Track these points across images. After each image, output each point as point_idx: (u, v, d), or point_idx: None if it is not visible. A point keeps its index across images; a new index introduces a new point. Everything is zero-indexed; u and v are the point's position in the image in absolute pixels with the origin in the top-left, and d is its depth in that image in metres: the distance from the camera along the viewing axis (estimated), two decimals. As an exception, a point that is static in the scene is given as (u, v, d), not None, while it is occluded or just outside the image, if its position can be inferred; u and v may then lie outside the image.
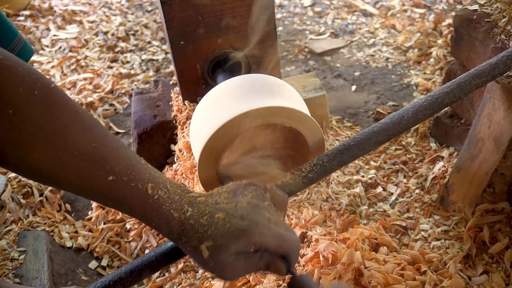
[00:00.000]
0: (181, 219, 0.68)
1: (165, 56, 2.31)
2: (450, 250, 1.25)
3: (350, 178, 1.48)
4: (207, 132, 1.00)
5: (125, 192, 0.65)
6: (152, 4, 2.76)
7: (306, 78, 1.57)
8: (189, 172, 1.35)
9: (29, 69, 0.60)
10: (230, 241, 0.66)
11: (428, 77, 1.90)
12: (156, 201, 0.66)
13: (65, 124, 0.61)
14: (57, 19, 2.61)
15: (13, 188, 1.53)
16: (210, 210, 0.68)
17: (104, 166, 0.63)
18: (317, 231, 1.22)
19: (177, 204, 0.68)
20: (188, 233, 0.67)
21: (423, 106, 0.98)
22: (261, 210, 0.70)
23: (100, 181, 0.63)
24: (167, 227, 0.68)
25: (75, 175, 0.62)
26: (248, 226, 0.66)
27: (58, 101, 0.61)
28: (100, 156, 0.63)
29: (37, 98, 0.59)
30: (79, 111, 0.64)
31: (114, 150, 0.65)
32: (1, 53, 0.57)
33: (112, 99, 2.03)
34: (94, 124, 0.65)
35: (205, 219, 0.67)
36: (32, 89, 0.59)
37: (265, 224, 0.68)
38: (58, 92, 0.62)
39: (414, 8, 2.40)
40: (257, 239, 0.66)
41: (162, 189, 0.68)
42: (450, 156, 1.48)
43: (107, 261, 1.42)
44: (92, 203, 1.56)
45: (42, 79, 0.61)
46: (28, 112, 0.58)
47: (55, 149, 0.60)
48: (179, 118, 1.44)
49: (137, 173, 0.66)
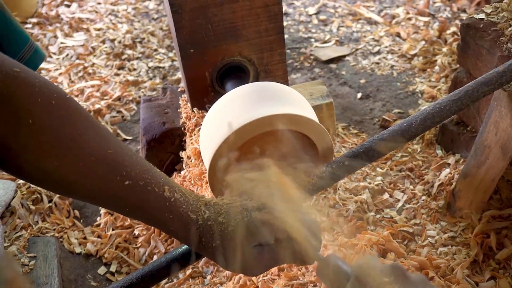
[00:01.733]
0: (198, 221, 0.69)
1: (172, 63, 2.32)
2: (457, 256, 1.26)
3: (357, 185, 1.49)
4: (217, 139, 1.01)
5: (141, 196, 0.66)
6: (158, 12, 2.78)
7: (313, 85, 1.59)
8: (198, 178, 1.36)
9: (45, 81, 0.62)
10: (253, 233, 0.67)
11: (433, 85, 1.92)
12: (173, 204, 0.68)
13: (81, 131, 0.63)
14: (64, 27, 2.64)
15: (23, 194, 1.54)
16: (226, 209, 0.70)
17: (121, 171, 0.65)
18: (325, 237, 1.23)
19: (193, 206, 0.69)
20: (208, 234, 0.68)
21: (431, 114, 1.00)
22: (275, 199, 0.71)
23: (117, 186, 0.65)
24: (185, 230, 0.69)
25: (92, 181, 0.64)
26: (267, 215, 0.67)
27: (73, 110, 0.64)
28: (116, 161, 0.65)
29: (54, 107, 0.61)
30: (93, 119, 0.66)
31: (129, 156, 0.67)
32: (18, 67, 0.60)
33: (120, 106, 2.05)
34: (108, 132, 0.67)
35: (222, 217, 0.69)
36: (49, 99, 0.61)
37: (284, 211, 0.69)
38: (72, 102, 0.64)
39: (419, 16, 2.42)
40: (278, 226, 0.67)
41: (177, 192, 0.69)
42: (457, 163, 1.49)
43: (116, 267, 1.43)
44: (101, 209, 1.57)
45: (58, 90, 0.63)
46: (46, 121, 0.60)
47: (72, 156, 0.62)
48: (187, 125, 1.45)
49: (152, 177, 0.67)
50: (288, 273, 1.17)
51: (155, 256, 1.43)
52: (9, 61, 0.59)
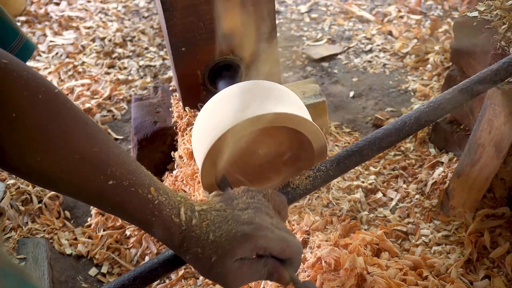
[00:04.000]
0: (181, 225, 0.67)
1: (163, 62, 2.31)
2: (451, 255, 1.25)
3: (350, 184, 1.48)
4: (210, 138, 1.00)
5: (124, 197, 0.65)
6: (148, 10, 2.76)
7: (306, 84, 1.58)
8: (190, 178, 1.35)
9: (34, 74, 0.61)
10: (234, 246, 0.65)
11: (426, 83, 1.91)
12: (156, 206, 0.66)
13: (67, 128, 0.62)
14: (53, 25, 2.61)
15: (12, 195, 1.52)
16: (211, 217, 0.68)
17: (105, 170, 0.63)
18: (319, 236, 1.22)
19: (177, 210, 0.68)
20: (190, 240, 0.67)
21: (425, 112, 0.99)
22: (263, 214, 0.70)
23: (100, 185, 0.63)
24: (167, 233, 0.67)
25: (76, 179, 0.63)
26: (252, 230, 0.66)
27: (61, 106, 0.62)
28: (101, 160, 0.63)
29: (41, 102, 0.60)
30: (82, 116, 0.65)
31: (116, 155, 0.65)
32: (6, 58, 0.58)
33: (110, 105, 2.03)
34: (97, 129, 0.66)
35: (206, 224, 0.67)
36: (36, 93, 0.59)
37: (269, 227, 0.67)
38: (61, 97, 0.63)
39: (410, 14, 2.42)
40: (262, 242, 0.66)
41: (162, 194, 0.67)
42: (450, 161, 1.49)
43: (107, 268, 1.41)
44: (91, 210, 1.56)
45: (46, 84, 0.61)
46: (32, 115, 0.59)
47: (57, 152, 0.61)
48: (179, 124, 1.44)
49: (137, 178, 0.66)
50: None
51: (147, 257, 1.41)
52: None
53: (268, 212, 0.71)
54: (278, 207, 0.76)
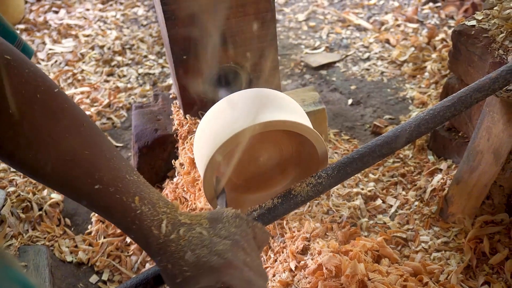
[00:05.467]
0: (159, 238, 0.68)
1: (162, 70, 2.32)
2: (451, 261, 1.26)
3: (350, 191, 1.49)
4: (212, 145, 1.01)
5: (109, 202, 0.66)
6: (147, 18, 2.77)
7: (305, 92, 1.59)
8: (191, 185, 1.35)
9: (36, 72, 0.62)
10: (200, 274, 0.66)
11: (424, 91, 1.93)
12: (138, 216, 0.67)
13: (61, 129, 0.63)
14: (52, 33, 2.62)
15: (13, 202, 1.52)
16: (190, 236, 0.69)
17: (93, 174, 0.65)
18: (319, 243, 1.23)
19: (159, 222, 0.69)
20: (165, 253, 0.68)
21: (425, 120, 1.00)
22: (239, 250, 0.69)
23: (87, 188, 0.65)
24: (144, 242, 0.69)
25: (64, 179, 0.64)
26: (222, 265, 0.66)
27: (58, 106, 0.63)
28: (90, 164, 0.64)
29: (37, 101, 0.61)
30: (78, 117, 0.65)
31: (107, 159, 0.66)
32: (10, 54, 0.59)
33: (110, 112, 2.04)
34: (93, 132, 0.66)
35: (183, 242, 0.68)
36: (35, 92, 0.60)
37: (238, 267, 0.67)
38: (60, 98, 0.64)
39: (407, 23, 2.44)
40: (227, 279, 0.66)
41: (146, 205, 0.68)
42: (449, 168, 1.50)
43: (108, 275, 1.41)
44: (92, 217, 1.56)
45: (47, 84, 0.62)
46: (28, 114, 0.60)
47: (47, 152, 0.62)
48: (180, 132, 1.45)
49: (124, 186, 0.67)
50: (283, 280, 1.17)
51: (148, 264, 1.41)
52: (3, 46, 0.59)
53: (245, 248, 0.71)
54: (259, 242, 0.77)
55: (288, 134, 1.01)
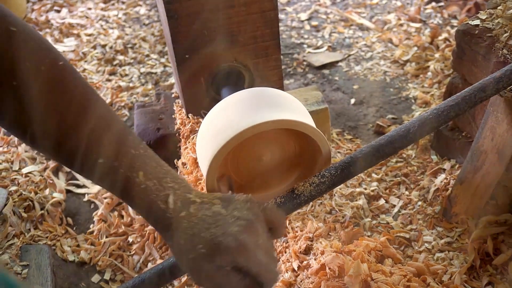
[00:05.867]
0: (167, 212, 0.67)
1: (164, 69, 2.31)
2: (454, 261, 1.26)
3: (353, 191, 1.49)
4: (215, 145, 1.00)
5: (113, 176, 0.65)
6: (149, 17, 2.77)
7: (308, 91, 1.59)
8: (193, 185, 1.35)
9: (40, 44, 0.61)
10: (215, 254, 0.65)
11: (427, 91, 1.92)
12: (143, 190, 0.66)
13: (65, 102, 0.62)
14: (54, 32, 2.62)
15: (14, 201, 1.52)
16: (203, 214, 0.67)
17: (96, 148, 0.64)
18: (322, 243, 1.22)
19: (165, 196, 0.67)
20: (177, 229, 0.66)
21: (429, 119, 0.99)
22: (253, 232, 0.68)
23: (90, 161, 0.64)
24: (152, 217, 0.68)
25: (67, 153, 0.64)
26: (236, 246, 0.65)
27: (63, 79, 0.63)
28: (94, 138, 0.64)
29: (41, 74, 0.60)
30: (83, 89, 0.65)
31: (112, 133, 0.66)
32: (16, 26, 0.59)
33: (112, 112, 2.03)
34: (98, 104, 0.66)
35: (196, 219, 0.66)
36: (39, 64, 0.60)
37: (252, 249, 0.66)
38: (66, 70, 0.63)
39: (410, 22, 2.43)
40: (240, 261, 0.65)
41: (151, 179, 0.67)
42: (452, 168, 1.50)
43: (110, 274, 1.41)
44: (94, 217, 1.55)
45: (52, 56, 0.62)
46: (31, 86, 0.60)
47: (51, 125, 0.62)
48: (182, 131, 1.44)
49: (129, 160, 0.66)
50: (286, 280, 1.16)
51: (150, 264, 1.41)
52: (10, 18, 0.59)
53: (258, 230, 0.69)
54: (272, 223, 0.74)
55: (291, 134, 1.01)
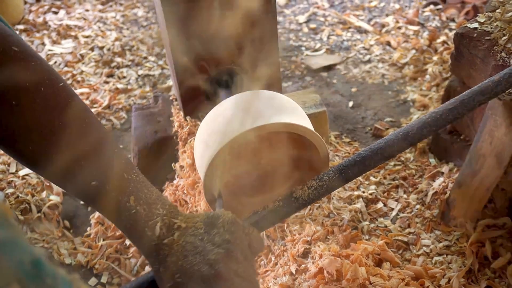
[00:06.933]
0: (153, 240, 0.67)
1: (162, 71, 2.31)
2: (453, 265, 1.25)
3: (351, 194, 1.48)
4: (213, 148, 1.00)
5: (105, 199, 0.66)
6: (147, 19, 2.76)
7: (306, 94, 1.58)
8: (191, 188, 1.35)
9: (42, 65, 0.62)
10: (192, 282, 0.65)
11: (425, 94, 1.92)
12: (132, 216, 0.67)
13: (63, 124, 0.63)
14: (52, 34, 2.61)
15: (11, 204, 1.51)
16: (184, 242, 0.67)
17: (90, 171, 0.64)
18: (320, 247, 1.22)
19: (153, 223, 0.68)
20: (157, 256, 0.67)
21: (427, 123, 0.99)
22: (232, 259, 0.68)
23: (83, 183, 0.65)
24: (138, 242, 0.68)
25: (62, 174, 0.64)
26: (213, 275, 0.65)
27: (60, 101, 0.63)
28: (88, 160, 0.64)
29: (40, 94, 0.61)
30: (80, 112, 0.65)
31: (107, 157, 0.66)
32: (17, 46, 0.59)
33: (109, 114, 2.03)
34: (94, 128, 0.66)
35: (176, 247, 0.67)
36: (39, 85, 0.60)
37: (229, 278, 0.66)
38: (64, 92, 0.63)
39: (408, 25, 2.44)
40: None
41: (142, 205, 0.68)
42: (450, 171, 1.49)
43: (107, 278, 1.40)
44: (91, 219, 1.55)
45: (52, 77, 0.62)
46: (30, 107, 0.60)
47: (47, 147, 0.62)
48: (180, 134, 1.44)
49: (121, 184, 0.67)
50: (284, 284, 1.16)
51: (147, 267, 1.41)
52: (12, 38, 0.59)
53: (237, 258, 0.69)
54: (254, 249, 0.74)
55: (290, 136, 1.00)
